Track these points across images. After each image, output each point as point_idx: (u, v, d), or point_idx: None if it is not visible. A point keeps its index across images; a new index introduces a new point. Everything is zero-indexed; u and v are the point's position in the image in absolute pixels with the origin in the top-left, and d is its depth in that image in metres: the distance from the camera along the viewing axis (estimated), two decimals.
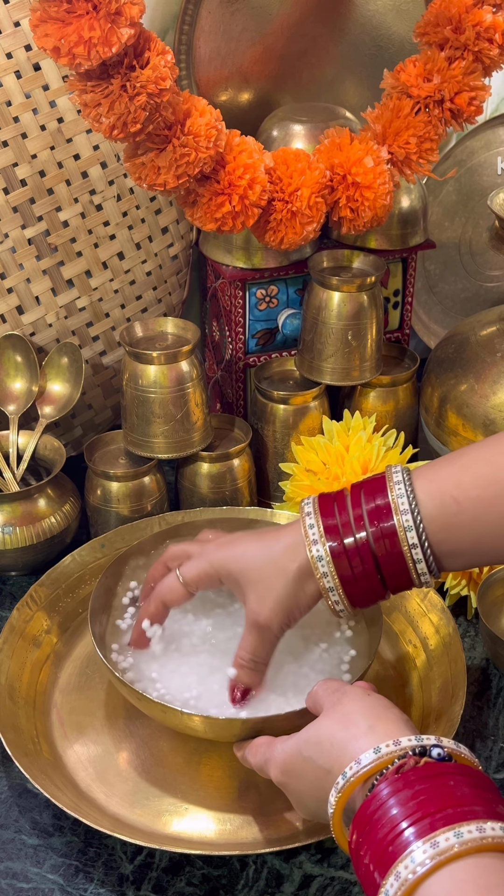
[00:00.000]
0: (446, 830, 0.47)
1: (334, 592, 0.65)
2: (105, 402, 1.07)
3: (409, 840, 0.48)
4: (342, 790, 0.55)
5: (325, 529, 0.65)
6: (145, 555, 0.83)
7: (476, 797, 0.50)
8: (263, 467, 1.02)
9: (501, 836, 0.47)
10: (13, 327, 0.98)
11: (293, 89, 1.09)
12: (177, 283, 1.09)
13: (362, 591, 0.66)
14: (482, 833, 0.47)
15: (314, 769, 0.58)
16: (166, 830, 0.69)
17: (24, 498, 0.90)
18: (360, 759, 0.54)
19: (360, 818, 0.52)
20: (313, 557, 0.65)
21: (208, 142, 0.82)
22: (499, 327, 0.99)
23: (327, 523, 0.65)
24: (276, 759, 0.62)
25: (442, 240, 1.20)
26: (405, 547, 0.63)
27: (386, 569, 0.64)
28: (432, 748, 0.54)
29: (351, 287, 0.95)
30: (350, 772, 0.54)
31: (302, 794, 0.61)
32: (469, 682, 0.82)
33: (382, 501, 0.64)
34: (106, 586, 0.80)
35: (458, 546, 0.64)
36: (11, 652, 0.80)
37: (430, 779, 0.51)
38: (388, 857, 0.49)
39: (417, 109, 0.92)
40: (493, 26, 0.88)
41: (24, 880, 0.67)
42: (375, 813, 0.51)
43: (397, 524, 0.63)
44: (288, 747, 0.61)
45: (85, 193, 0.97)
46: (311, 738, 0.59)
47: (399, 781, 0.51)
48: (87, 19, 0.72)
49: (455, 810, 0.49)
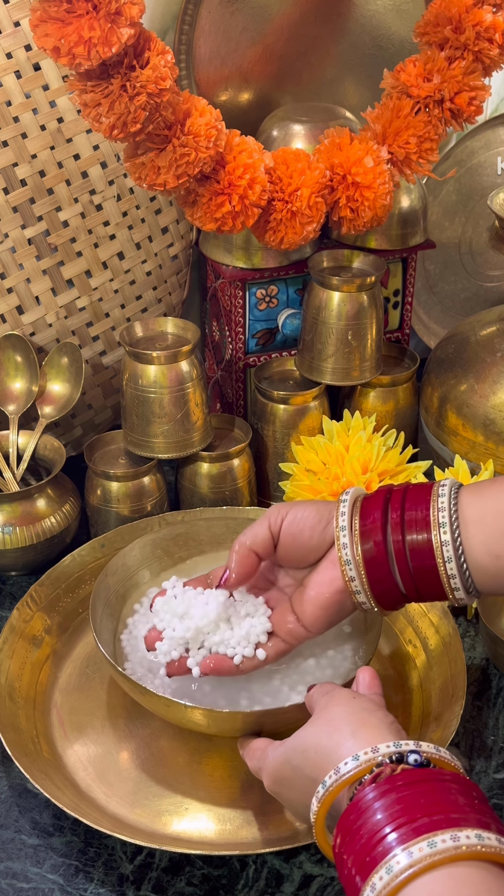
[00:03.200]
0: (420, 840, 0.47)
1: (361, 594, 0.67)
2: (105, 402, 1.07)
3: (386, 849, 0.48)
4: (322, 799, 0.55)
5: (360, 533, 0.66)
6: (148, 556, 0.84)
7: (452, 803, 0.49)
8: (263, 467, 1.02)
9: (475, 844, 0.47)
10: (13, 327, 0.98)
11: (293, 89, 1.09)
12: (177, 283, 1.09)
13: (387, 593, 0.66)
14: (456, 842, 0.46)
15: (302, 778, 0.58)
16: (166, 830, 0.69)
17: (24, 498, 0.90)
18: (338, 767, 0.54)
19: (342, 826, 0.52)
20: (342, 559, 0.66)
21: (208, 142, 0.82)
22: (499, 327, 0.99)
23: (364, 526, 0.66)
24: (267, 768, 0.62)
25: (442, 240, 1.20)
26: (440, 561, 0.63)
27: (421, 584, 0.65)
28: (409, 754, 0.53)
29: (351, 287, 0.95)
30: (330, 780, 0.55)
31: (293, 802, 0.61)
32: (469, 682, 0.82)
33: (423, 513, 0.64)
34: (108, 584, 0.80)
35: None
36: (11, 652, 0.80)
37: (409, 786, 0.51)
38: (367, 865, 0.48)
39: (417, 109, 0.92)
40: (493, 26, 0.88)
41: (24, 880, 0.67)
42: (356, 821, 0.51)
43: (434, 540, 0.63)
44: (278, 755, 0.61)
45: (85, 193, 0.97)
46: (298, 747, 0.59)
47: (378, 789, 0.51)
48: (87, 19, 0.72)
49: (430, 819, 0.48)
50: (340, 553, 0.66)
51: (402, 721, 0.77)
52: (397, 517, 0.65)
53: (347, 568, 0.66)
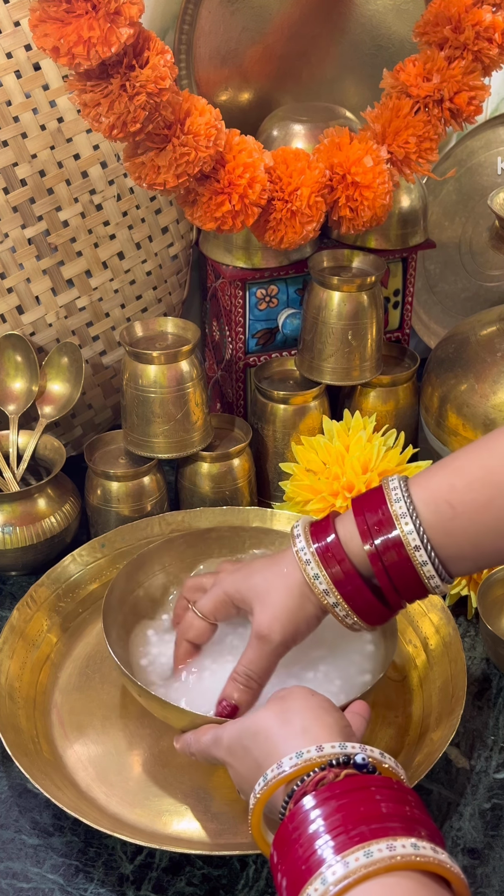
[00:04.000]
0: (357, 850, 0.46)
1: (340, 607, 0.66)
2: (105, 402, 1.07)
3: (322, 859, 0.47)
4: (261, 793, 0.55)
5: (318, 552, 0.66)
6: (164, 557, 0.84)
7: (393, 813, 0.49)
8: (263, 467, 1.01)
9: (412, 854, 0.46)
10: (13, 327, 0.98)
11: (293, 89, 1.09)
12: (177, 282, 1.09)
13: (367, 603, 0.66)
14: (392, 851, 0.46)
15: (250, 759, 0.59)
16: (166, 830, 0.69)
17: (24, 498, 0.90)
18: (281, 762, 0.54)
19: (280, 838, 0.51)
20: (309, 577, 0.66)
21: (208, 141, 0.82)
22: (499, 327, 0.98)
23: (318, 545, 0.66)
24: (223, 740, 0.62)
25: (442, 239, 1.20)
26: (410, 550, 0.63)
27: (397, 579, 0.64)
28: (356, 756, 0.53)
29: (351, 287, 0.95)
30: (271, 774, 0.54)
31: (241, 778, 0.61)
32: (469, 682, 0.81)
33: (384, 513, 0.64)
34: (120, 585, 0.79)
35: (460, 550, 0.63)
36: (11, 652, 0.80)
37: (350, 793, 0.50)
38: (302, 875, 0.47)
39: (417, 109, 0.92)
40: (492, 26, 0.88)
41: (24, 880, 0.67)
42: (294, 831, 0.50)
43: (400, 532, 0.63)
44: (234, 730, 0.61)
45: (85, 193, 0.97)
46: (251, 728, 0.59)
47: (319, 796, 0.51)
48: (87, 19, 0.72)
49: (369, 827, 0.48)
50: (312, 583, 0.66)
51: (402, 721, 0.77)
52: (363, 525, 0.65)
53: (325, 596, 0.66)
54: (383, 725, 0.77)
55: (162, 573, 0.83)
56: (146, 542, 0.90)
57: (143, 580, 0.82)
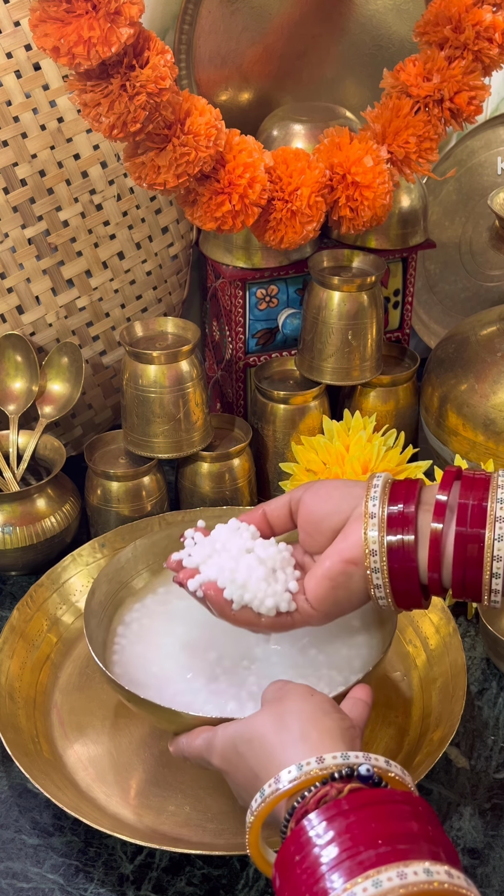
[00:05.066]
0: (365, 879, 0.43)
1: (378, 575, 0.63)
2: (105, 401, 1.07)
3: (326, 890, 0.44)
4: (258, 811, 0.52)
5: (388, 519, 0.62)
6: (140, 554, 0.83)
7: (402, 832, 0.46)
8: (263, 467, 1.01)
9: (425, 882, 0.43)
10: (13, 327, 0.98)
11: (293, 89, 1.09)
12: (177, 282, 1.09)
13: (407, 587, 0.63)
14: (403, 880, 0.43)
15: (245, 767, 0.56)
16: (166, 830, 0.69)
17: (24, 498, 0.90)
18: (279, 776, 0.51)
19: (281, 860, 0.48)
20: (367, 544, 0.63)
21: (208, 141, 0.82)
22: (499, 327, 0.98)
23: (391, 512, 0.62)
24: (216, 745, 0.60)
25: (442, 239, 1.20)
26: (487, 557, 0.59)
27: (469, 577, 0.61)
28: (360, 767, 0.50)
29: (351, 287, 0.95)
30: (269, 790, 0.51)
31: (238, 786, 0.59)
32: (469, 682, 0.81)
33: (477, 501, 0.60)
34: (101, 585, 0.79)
35: None
36: (11, 652, 0.80)
37: (355, 811, 0.47)
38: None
39: (417, 109, 0.92)
40: (492, 25, 0.88)
41: (24, 880, 0.67)
42: (297, 854, 0.47)
43: (489, 535, 0.59)
44: (227, 735, 0.59)
45: (85, 193, 0.97)
46: (245, 734, 0.57)
47: (321, 815, 0.47)
48: (87, 19, 0.72)
49: (377, 851, 0.44)
50: (367, 536, 0.62)
51: (402, 721, 0.77)
52: (452, 504, 0.61)
53: (371, 559, 0.62)
54: (383, 725, 0.77)
55: (147, 571, 0.82)
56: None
57: (126, 579, 0.81)
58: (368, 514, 0.63)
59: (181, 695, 0.70)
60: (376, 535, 0.62)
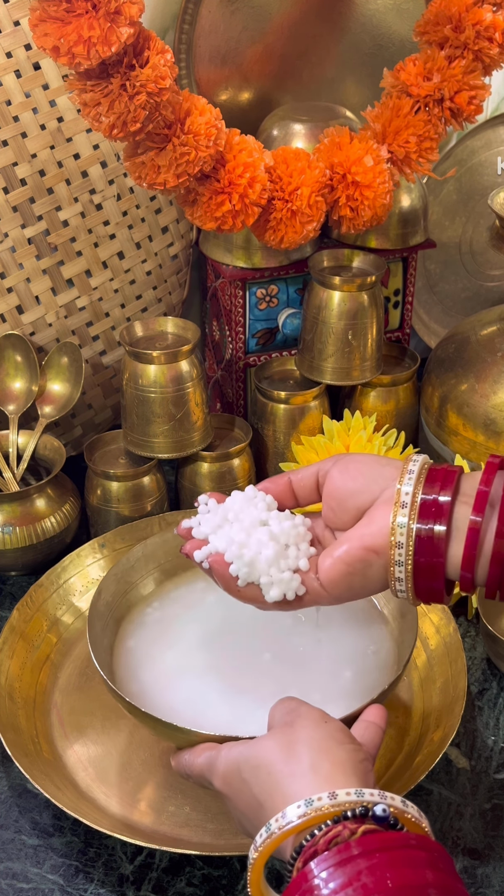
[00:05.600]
0: None
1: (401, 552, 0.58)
2: (105, 401, 1.07)
3: None
4: (262, 847, 0.48)
5: (420, 507, 0.58)
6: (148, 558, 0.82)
7: (420, 884, 0.43)
8: (263, 467, 1.01)
9: None
10: (13, 327, 0.97)
11: (293, 88, 1.09)
12: (177, 282, 1.09)
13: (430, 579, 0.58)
14: None
15: (249, 795, 0.53)
16: (166, 830, 0.69)
17: (24, 498, 0.90)
18: (285, 812, 0.47)
19: None
20: (395, 525, 0.58)
21: (208, 140, 0.82)
22: (499, 327, 0.98)
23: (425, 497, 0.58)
24: (218, 767, 0.57)
25: (442, 239, 1.20)
26: None
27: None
28: (375, 807, 0.46)
29: (351, 286, 0.95)
30: (275, 825, 0.48)
31: (238, 813, 0.56)
32: (469, 682, 0.81)
33: None
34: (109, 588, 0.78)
35: None
36: (11, 652, 0.79)
37: (369, 856, 0.43)
38: None
39: (417, 108, 0.92)
40: (492, 25, 0.88)
41: (24, 880, 0.67)
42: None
43: None
44: (231, 758, 0.55)
45: (85, 193, 0.97)
46: (251, 760, 0.53)
47: (332, 859, 0.44)
48: (87, 18, 0.72)
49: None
50: (394, 524, 0.58)
51: (402, 721, 0.77)
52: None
53: (396, 552, 0.58)
54: None
55: (157, 571, 0.81)
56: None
57: (135, 580, 0.80)
58: (399, 501, 0.58)
59: (189, 703, 0.69)
60: (405, 522, 0.57)
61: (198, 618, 0.77)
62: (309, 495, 0.66)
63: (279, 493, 0.67)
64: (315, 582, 0.63)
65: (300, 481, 0.66)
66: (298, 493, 0.67)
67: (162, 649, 0.74)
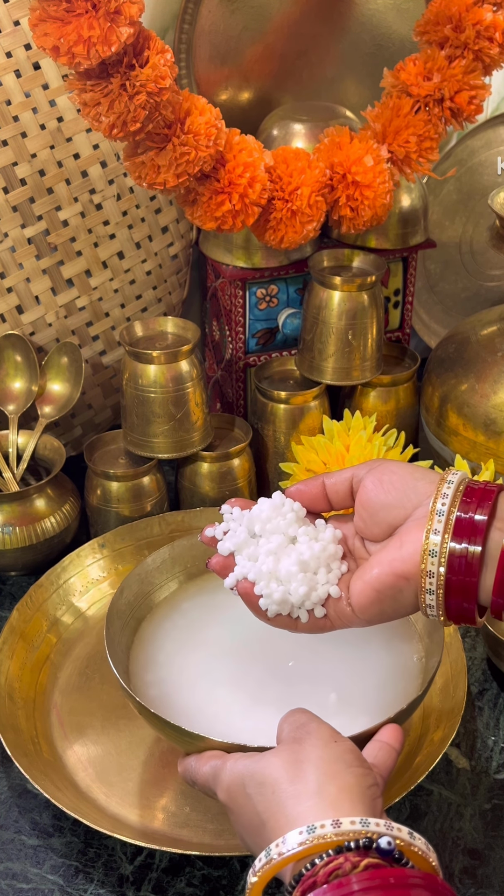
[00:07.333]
0: None
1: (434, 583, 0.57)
2: (105, 401, 1.07)
3: None
4: (261, 871, 0.47)
5: (454, 527, 0.56)
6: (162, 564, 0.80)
7: None
8: (263, 467, 1.01)
9: None
10: (13, 327, 0.97)
11: (293, 88, 1.09)
12: (177, 282, 1.09)
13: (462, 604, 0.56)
14: None
15: (252, 811, 0.51)
16: (166, 831, 0.69)
17: (24, 498, 0.90)
18: (286, 837, 0.46)
19: None
20: (426, 549, 0.56)
21: (208, 140, 0.82)
22: (499, 327, 0.98)
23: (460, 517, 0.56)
24: (223, 779, 0.56)
25: (442, 239, 1.20)
26: None
27: None
28: (380, 840, 0.44)
29: (351, 286, 0.95)
30: (275, 850, 0.46)
31: (240, 827, 0.55)
32: (469, 683, 0.81)
33: None
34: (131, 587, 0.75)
35: None
36: (11, 652, 0.79)
37: (370, 892, 0.41)
38: None
39: (417, 108, 0.92)
40: (493, 25, 0.88)
41: (24, 881, 0.67)
42: None
43: None
44: (236, 771, 0.54)
45: (85, 192, 0.97)
46: (256, 776, 0.52)
47: (331, 893, 0.42)
48: (87, 18, 0.72)
49: None
50: (426, 548, 0.56)
51: None
52: None
53: (427, 580, 0.56)
54: None
55: (182, 574, 0.79)
56: (146, 542, 0.90)
57: (160, 581, 0.78)
58: (433, 528, 0.56)
59: (203, 708, 0.68)
60: (437, 550, 0.55)
61: (220, 622, 0.75)
62: (343, 500, 0.64)
63: (312, 497, 0.65)
64: (347, 608, 0.61)
65: (334, 486, 0.64)
66: (332, 499, 0.65)
67: (182, 653, 0.73)
